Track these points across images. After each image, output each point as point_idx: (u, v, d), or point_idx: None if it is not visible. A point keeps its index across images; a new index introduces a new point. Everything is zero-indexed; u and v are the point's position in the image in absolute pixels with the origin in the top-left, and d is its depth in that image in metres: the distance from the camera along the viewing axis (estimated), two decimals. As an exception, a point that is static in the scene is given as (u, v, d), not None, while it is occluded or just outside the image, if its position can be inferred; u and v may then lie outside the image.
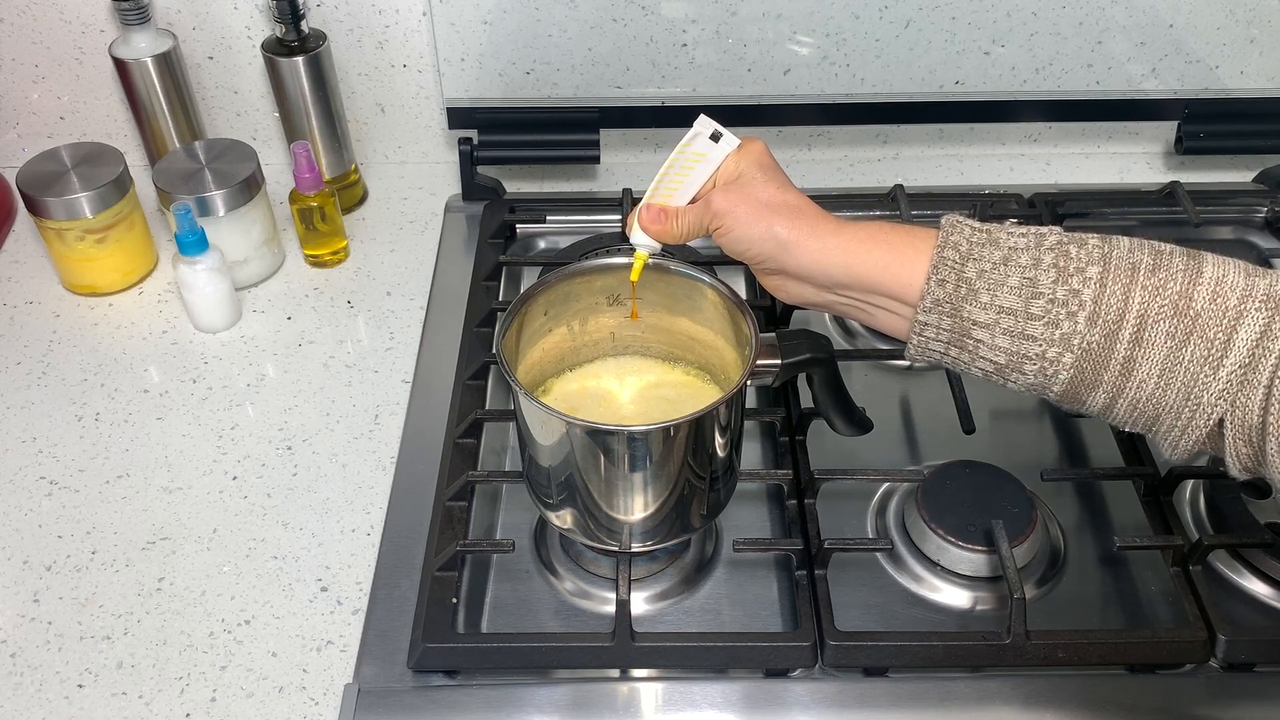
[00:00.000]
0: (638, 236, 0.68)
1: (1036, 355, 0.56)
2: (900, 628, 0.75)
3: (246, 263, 1.00)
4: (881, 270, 0.60)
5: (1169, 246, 0.56)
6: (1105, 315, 0.54)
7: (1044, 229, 0.58)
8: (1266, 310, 0.53)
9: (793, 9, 1.03)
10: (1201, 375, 0.53)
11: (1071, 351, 0.56)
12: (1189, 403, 0.54)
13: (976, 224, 0.59)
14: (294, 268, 1.05)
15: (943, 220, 0.60)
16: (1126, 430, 0.58)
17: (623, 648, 0.71)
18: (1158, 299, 0.54)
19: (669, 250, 1.02)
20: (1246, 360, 0.52)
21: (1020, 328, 0.56)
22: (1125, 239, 0.57)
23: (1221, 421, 0.54)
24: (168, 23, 1.06)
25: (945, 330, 0.59)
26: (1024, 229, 0.58)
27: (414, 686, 0.70)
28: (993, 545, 0.74)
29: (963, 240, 0.58)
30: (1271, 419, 0.52)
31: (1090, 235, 0.57)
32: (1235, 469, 0.55)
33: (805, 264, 0.62)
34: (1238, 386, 0.53)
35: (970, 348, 0.58)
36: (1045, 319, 0.56)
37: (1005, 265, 0.57)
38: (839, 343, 0.97)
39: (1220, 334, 0.53)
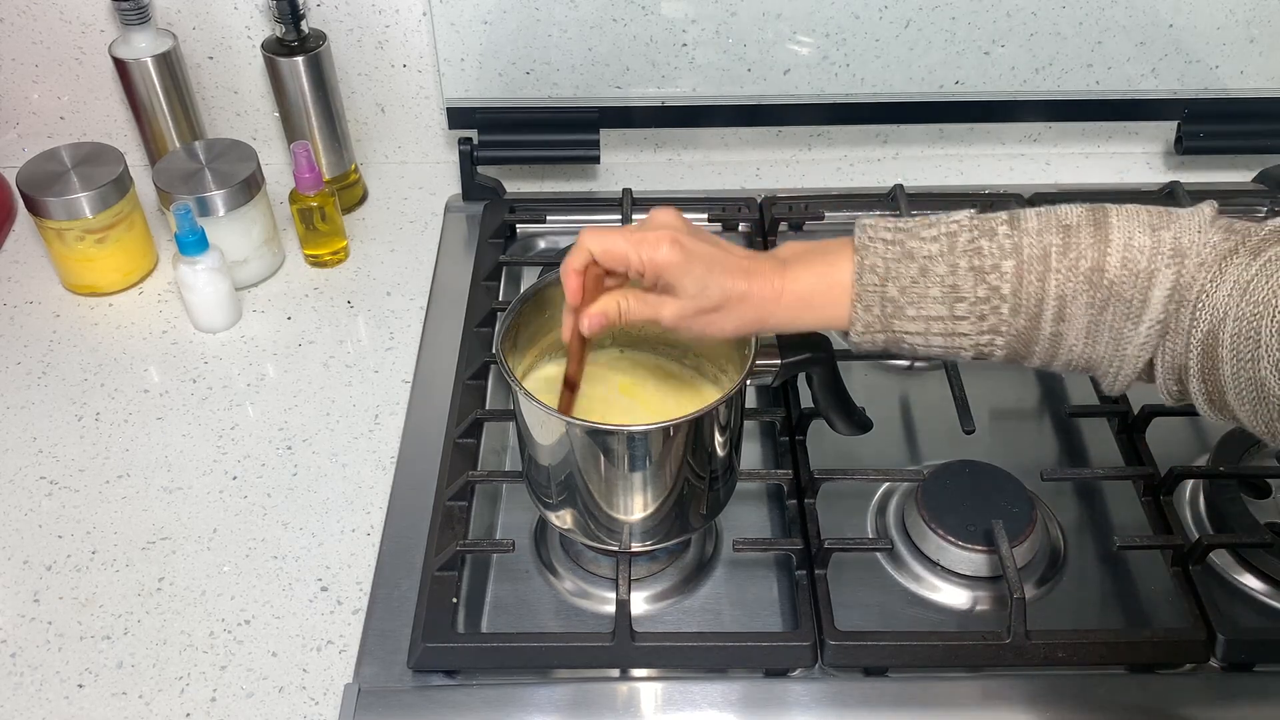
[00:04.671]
0: None
1: (970, 345, 0.61)
2: (900, 628, 0.75)
3: (246, 263, 1.00)
4: (808, 311, 0.63)
5: (1075, 216, 0.59)
6: (1026, 304, 0.58)
7: (954, 223, 0.60)
8: (1174, 264, 0.56)
9: (793, 9, 1.03)
10: (1124, 331, 0.58)
11: (1001, 336, 0.60)
12: (1116, 355, 0.59)
13: (889, 233, 0.61)
14: (294, 268, 1.05)
15: (856, 231, 0.62)
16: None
17: (623, 648, 0.71)
18: (1072, 279, 0.58)
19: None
20: (1162, 315, 0.57)
21: (950, 329, 0.60)
22: (1033, 217, 0.60)
23: (1151, 362, 0.59)
24: (168, 23, 1.06)
25: (880, 341, 0.62)
26: (934, 229, 0.61)
27: (414, 686, 0.70)
28: (993, 545, 0.74)
29: (878, 260, 0.60)
30: (1192, 363, 0.56)
31: (997, 220, 0.60)
32: (1168, 400, 0.60)
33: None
34: (1159, 336, 0.58)
35: (908, 349, 0.62)
36: (971, 317, 0.59)
37: (924, 278, 0.60)
38: (839, 343, 0.96)
39: (1136, 294, 0.57)
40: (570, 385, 0.69)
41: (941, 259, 0.59)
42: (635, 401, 0.76)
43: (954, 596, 0.76)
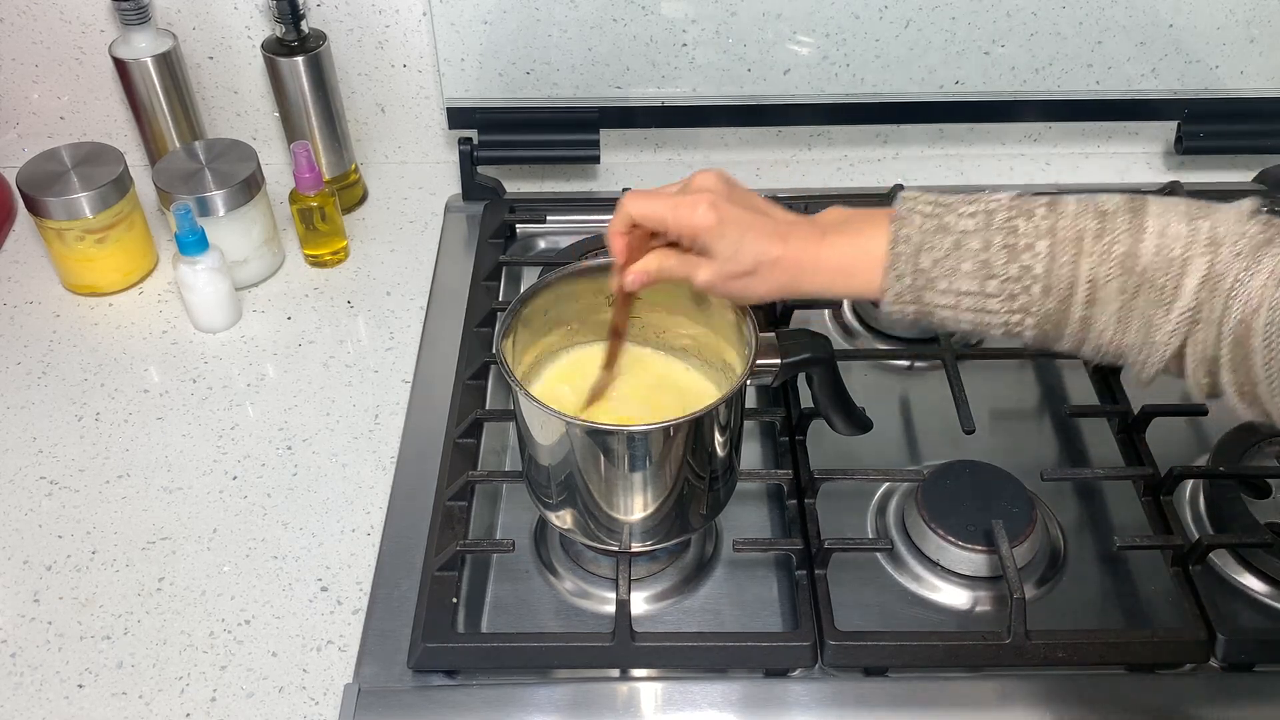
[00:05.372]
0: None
1: (1000, 324, 0.60)
2: (900, 628, 0.75)
3: (246, 263, 1.00)
4: (843, 279, 0.63)
5: (1113, 204, 0.58)
6: (1058, 286, 0.58)
7: (993, 202, 0.60)
8: (1209, 252, 0.56)
9: (793, 9, 1.03)
10: (1155, 318, 0.57)
11: (1031, 316, 0.59)
12: (1145, 343, 0.58)
13: (928, 207, 0.61)
14: (294, 268, 1.05)
15: (896, 201, 0.62)
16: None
17: (623, 648, 0.71)
18: (1105, 263, 0.57)
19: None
20: (1193, 303, 0.56)
21: (980, 304, 0.60)
22: (1071, 202, 0.59)
23: (1181, 354, 0.58)
24: (168, 23, 1.06)
25: (910, 312, 0.62)
26: (973, 206, 0.60)
27: (414, 686, 0.70)
28: (993, 545, 0.74)
29: (914, 231, 0.60)
30: (1223, 353, 0.55)
31: (1037, 203, 0.60)
32: (1198, 395, 0.59)
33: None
34: (1189, 324, 0.56)
35: (938, 321, 0.62)
36: (1002, 296, 0.59)
37: (958, 251, 0.59)
38: (839, 343, 0.97)
39: (1169, 281, 0.56)
40: (616, 333, 0.72)
41: (976, 234, 0.59)
42: (636, 402, 0.77)
43: (954, 596, 0.76)
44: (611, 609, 0.72)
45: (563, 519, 0.73)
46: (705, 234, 0.63)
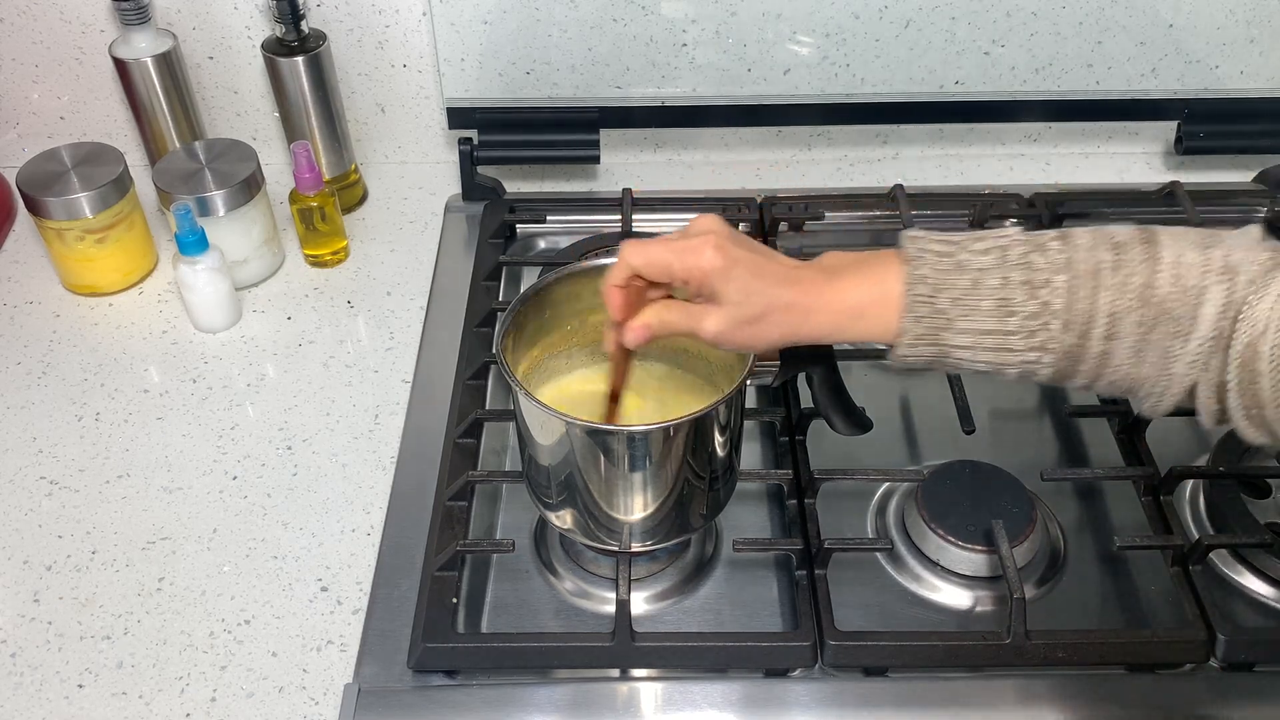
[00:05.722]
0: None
1: (1018, 362, 0.59)
2: (900, 628, 0.75)
3: (246, 263, 1.00)
4: (855, 322, 0.61)
5: (1125, 235, 0.58)
6: (1077, 320, 0.57)
7: (1005, 239, 0.60)
8: (1225, 281, 0.55)
9: (793, 9, 1.03)
10: (1173, 349, 0.57)
11: (1050, 353, 0.58)
12: (1163, 375, 0.58)
13: (939, 245, 0.60)
14: (294, 268, 1.05)
15: (904, 244, 0.61)
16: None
17: (623, 648, 0.71)
18: (1124, 296, 0.57)
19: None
20: (1213, 332, 0.56)
21: (999, 343, 0.59)
22: (1084, 235, 0.59)
23: (1195, 383, 0.58)
24: (168, 23, 1.06)
25: (926, 354, 0.61)
26: (985, 243, 0.60)
27: (414, 686, 0.70)
28: (993, 545, 0.74)
29: (929, 271, 0.59)
30: (1230, 377, 0.55)
31: (1049, 237, 0.59)
32: (1209, 422, 0.59)
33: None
34: (1208, 354, 0.56)
35: (953, 364, 0.61)
36: (1021, 333, 0.58)
37: (976, 289, 0.58)
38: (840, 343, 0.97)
39: (1186, 311, 0.56)
40: (614, 397, 0.69)
41: (993, 271, 0.58)
42: (635, 402, 0.77)
43: (954, 596, 0.76)
44: (611, 609, 0.72)
45: (563, 519, 0.73)
46: (714, 277, 0.60)
